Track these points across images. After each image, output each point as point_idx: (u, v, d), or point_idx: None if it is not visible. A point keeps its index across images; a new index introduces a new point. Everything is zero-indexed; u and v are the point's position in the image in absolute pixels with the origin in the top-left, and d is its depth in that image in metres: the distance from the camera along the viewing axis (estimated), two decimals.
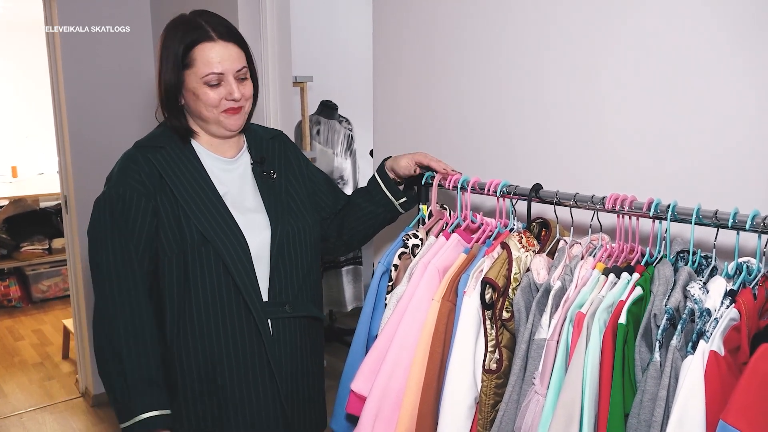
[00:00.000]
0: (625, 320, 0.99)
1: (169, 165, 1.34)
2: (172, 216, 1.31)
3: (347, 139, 3.91)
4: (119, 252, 1.29)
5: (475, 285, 1.21)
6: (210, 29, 1.34)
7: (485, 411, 1.18)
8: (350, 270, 4.03)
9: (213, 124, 1.38)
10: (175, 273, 1.33)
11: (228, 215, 1.35)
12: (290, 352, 1.42)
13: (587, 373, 0.99)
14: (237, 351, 1.36)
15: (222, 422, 1.37)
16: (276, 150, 1.53)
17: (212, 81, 1.32)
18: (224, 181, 1.41)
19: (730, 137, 1.20)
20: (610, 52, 1.40)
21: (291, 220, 1.44)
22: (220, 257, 1.32)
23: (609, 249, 1.18)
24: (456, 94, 1.77)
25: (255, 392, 1.38)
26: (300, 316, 1.44)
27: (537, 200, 1.28)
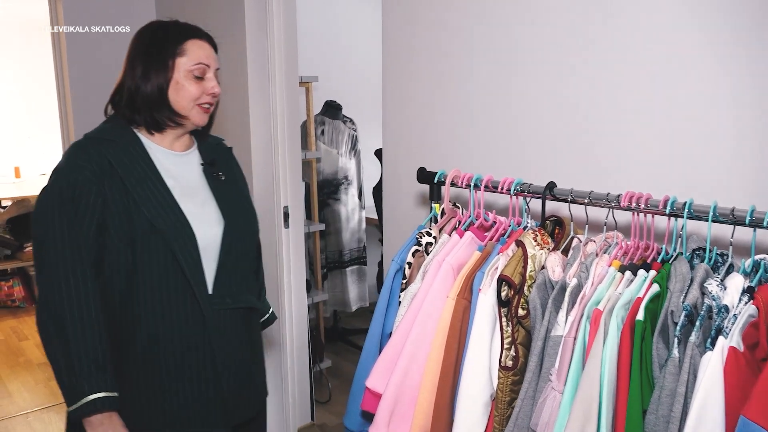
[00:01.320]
0: (643, 317, 1.00)
1: (119, 156, 1.37)
2: (122, 205, 1.34)
3: (351, 139, 3.92)
4: (67, 238, 1.31)
5: (490, 282, 1.21)
6: (201, 32, 1.47)
7: (501, 408, 1.18)
8: (354, 270, 4.03)
9: (182, 117, 1.43)
10: (123, 260, 1.35)
11: (176, 207, 1.39)
12: (232, 342, 1.47)
13: (605, 370, 1.00)
14: (181, 336, 1.39)
15: (162, 401, 1.40)
16: (222, 155, 1.60)
17: (198, 72, 1.41)
18: (174, 173, 1.45)
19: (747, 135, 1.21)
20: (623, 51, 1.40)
21: (241, 218, 1.51)
22: (169, 247, 1.35)
23: (624, 246, 1.18)
24: (465, 94, 1.77)
25: (196, 376, 1.42)
26: (240, 307, 1.49)
27: (551, 198, 1.29)
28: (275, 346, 2.96)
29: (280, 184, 2.80)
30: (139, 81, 1.39)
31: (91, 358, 1.30)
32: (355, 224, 3.99)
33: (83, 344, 1.29)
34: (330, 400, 3.45)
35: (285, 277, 2.90)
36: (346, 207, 3.92)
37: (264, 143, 2.77)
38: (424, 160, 1.93)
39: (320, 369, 3.56)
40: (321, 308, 3.76)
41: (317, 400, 3.37)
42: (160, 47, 1.40)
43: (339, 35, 4.36)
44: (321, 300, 3.66)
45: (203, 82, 1.42)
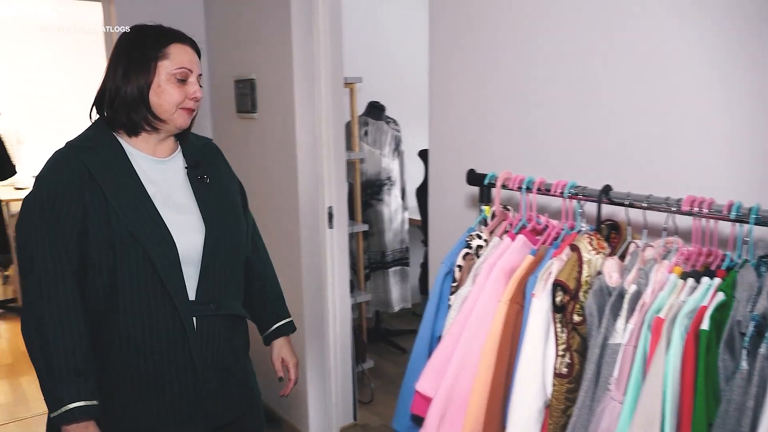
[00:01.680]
0: (708, 326, 0.96)
1: (99, 164, 1.36)
2: (102, 214, 1.34)
3: (394, 140, 3.91)
4: (48, 247, 1.32)
5: (544, 287, 1.19)
6: (183, 36, 1.47)
7: (556, 416, 1.16)
8: (397, 271, 4.03)
9: (164, 120, 1.42)
10: (105, 268, 1.35)
11: (156, 215, 1.38)
12: (213, 347, 1.46)
13: (668, 380, 0.97)
14: (161, 343, 1.39)
15: (143, 408, 1.41)
16: (208, 157, 1.58)
17: (180, 76, 1.40)
18: (155, 180, 1.44)
19: None
20: (687, 53, 1.36)
21: (224, 223, 1.49)
22: (147, 256, 1.35)
23: (685, 252, 1.14)
24: (516, 94, 1.74)
25: (177, 383, 1.42)
26: (224, 314, 1.48)
27: (607, 202, 1.25)
28: (318, 346, 2.98)
29: (325, 184, 2.82)
30: (119, 82, 1.39)
31: (71, 366, 1.31)
32: (397, 225, 3.99)
33: (63, 351, 1.30)
34: (372, 401, 3.45)
35: (329, 277, 2.91)
36: (389, 208, 3.92)
37: (309, 144, 2.78)
38: (471, 161, 1.91)
39: (362, 369, 3.57)
40: (363, 309, 3.77)
41: (360, 401, 3.37)
42: (143, 50, 1.40)
43: (383, 36, 4.37)
44: (364, 300, 3.66)
45: (185, 86, 1.42)
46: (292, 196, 2.83)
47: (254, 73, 2.98)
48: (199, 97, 1.45)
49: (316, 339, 2.97)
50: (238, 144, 3.22)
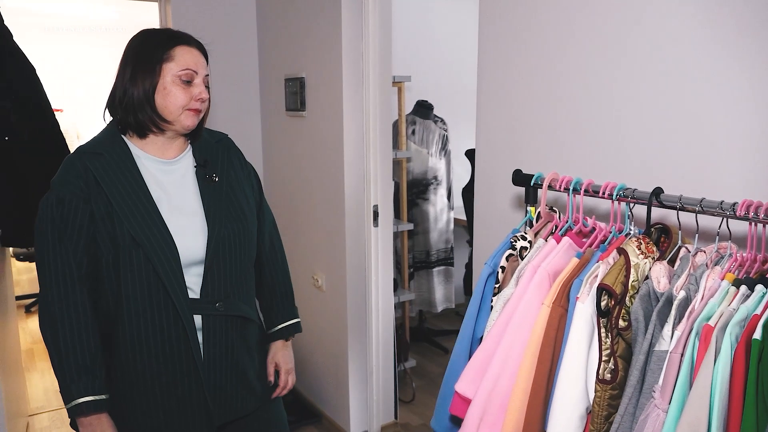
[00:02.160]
0: (761, 336, 0.92)
1: (105, 171, 1.40)
2: (107, 219, 1.38)
3: (442, 139, 3.90)
4: (59, 252, 1.38)
5: (589, 291, 1.17)
6: (189, 38, 1.48)
7: (598, 422, 1.13)
8: (441, 271, 4.01)
9: (171, 121, 1.44)
10: (112, 271, 1.40)
11: (159, 219, 1.41)
12: (222, 348, 1.48)
13: (716, 391, 0.93)
14: (165, 345, 1.43)
15: (149, 408, 1.44)
16: (220, 153, 1.59)
17: (185, 77, 1.42)
18: (162, 182, 1.46)
19: None
20: (738, 52, 1.31)
21: (229, 224, 1.49)
22: (150, 260, 1.38)
23: (739, 259, 1.10)
24: (565, 93, 1.71)
25: (182, 383, 1.45)
26: (232, 315, 1.49)
27: (657, 205, 1.22)
28: (361, 343, 3.00)
29: (371, 183, 2.83)
30: (127, 84, 1.42)
31: (80, 363, 1.37)
32: (443, 225, 3.97)
33: (72, 350, 1.37)
34: (413, 400, 3.45)
35: (373, 276, 2.92)
36: (435, 207, 3.91)
37: (356, 142, 2.80)
38: (518, 161, 1.88)
39: (404, 368, 3.57)
40: (407, 308, 3.77)
41: (401, 399, 3.38)
42: (149, 53, 1.42)
43: (433, 35, 4.35)
44: (407, 299, 3.66)
45: (191, 87, 1.43)
46: (338, 194, 2.86)
47: (304, 71, 3.02)
48: (205, 98, 1.46)
49: (358, 336, 2.98)
50: (287, 142, 3.27)
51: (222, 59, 3.34)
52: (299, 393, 3.43)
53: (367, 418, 3.10)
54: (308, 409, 3.32)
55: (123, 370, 1.44)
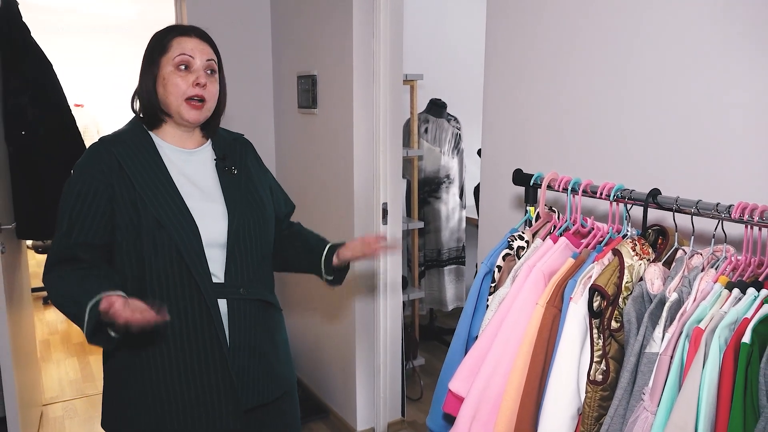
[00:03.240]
0: (750, 340, 0.91)
1: (129, 157, 1.45)
2: (129, 202, 1.41)
3: (455, 137, 3.89)
4: (73, 229, 1.41)
5: (582, 291, 1.16)
6: (188, 28, 1.50)
7: (588, 423, 1.13)
8: (452, 269, 4.01)
9: (175, 114, 1.47)
10: (133, 255, 1.42)
11: (181, 203, 1.44)
12: (244, 330, 1.50)
13: (703, 393, 0.93)
14: (189, 327, 1.44)
15: (174, 391, 1.45)
16: (237, 150, 1.62)
17: (182, 63, 1.44)
18: (184, 170, 1.50)
19: None
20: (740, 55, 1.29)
21: (248, 212, 1.53)
22: (173, 241, 1.41)
23: (734, 262, 1.09)
24: (567, 95, 1.71)
25: (205, 364, 1.46)
26: (255, 299, 1.52)
27: (654, 206, 1.21)
28: (369, 341, 3.01)
29: (380, 181, 2.83)
30: (140, 81, 1.50)
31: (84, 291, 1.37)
32: (454, 223, 3.97)
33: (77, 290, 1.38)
34: (421, 398, 3.45)
35: (381, 274, 2.93)
36: (447, 206, 3.90)
37: (366, 140, 2.81)
38: (522, 161, 1.88)
39: (413, 366, 3.57)
40: (417, 306, 3.77)
41: (409, 397, 3.38)
42: (152, 48, 1.48)
43: (446, 33, 4.34)
44: (417, 297, 3.66)
45: (189, 74, 1.45)
46: (347, 191, 2.87)
47: (316, 69, 3.03)
48: (203, 83, 1.45)
49: (366, 334, 3.00)
50: (298, 138, 3.29)
51: (236, 57, 3.37)
52: (307, 388, 3.45)
53: (374, 414, 3.11)
54: (316, 405, 3.34)
55: (150, 356, 1.46)
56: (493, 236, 2.00)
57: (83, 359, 4.02)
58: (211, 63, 1.49)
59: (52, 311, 4.97)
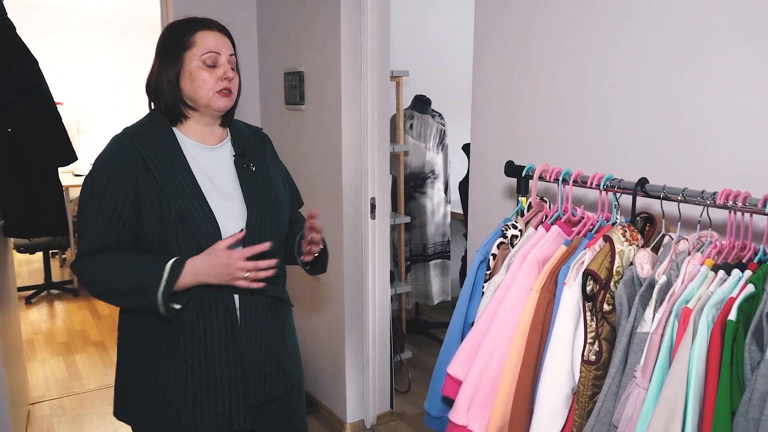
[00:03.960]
0: (735, 317, 0.97)
1: (152, 150, 1.46)
2: (153, 195, 1.43)
3: (439, 133, 3.94)
4: (97, 224, 1.43)
5: (575, 277, 1.21)
6: (211, 23, 1.53)
7: (582, 401, 1.18)
8: (438, 264, 4.06)
9: (203, 106, 1.50)
10: (157, 247, 1.45)
11: (202, 198, 1.47)
12: (257, 326, 1.53)
13: (692, 369, 0.98)
14: (205, 318, 1.47)
15: (190, 383, 1.48)
16: (256, 145, 1.65)
17: (209, 60, 1.47)
18: (203, 166, 1.52)
19: None
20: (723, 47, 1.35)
21: (265, 209, 1.55)
22: (194, 236, 1.44)
23: (719, 246, 1.15)
24: (556, 87, 1.76)
25: (222, 360, 1.49)
26: (269, 296, 1.55)
27: (642, 194, 1.27)
28: (358, 334, 3.05)
29: (368, 176, 2.87)
30: (157, 74, 1.51)
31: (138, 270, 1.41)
32: (440, 218, 4.02)
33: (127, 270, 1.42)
34: (409, 390, 3.50)
35: (369, 267, 2.97)
36: (432, 201, 3.95)
37: (354, 136, 2.85)
38: (511, 153, 1.93)
39: (401, 359, 3.62)
40: (404, 300, 3.82)
41: (397, 390, 3.43)
42: (173, 43, 1.50)
43: (431, 30, 4.39)
44: (404, 291, 3.71)
45: (216, 69, 1.49)
46: (335, 187, 2.90)
47: (303, 65, 3.06)
48: (231, 77, 1.50)
49: (355, 327, 3.03)
50: (286, 135, 3.31)
51: None
52: None
53: (363, 407, 3.15)
54: (306, 399, 3.37)
55: (165, 350, 1.48)
56: (483, 227, 2.05)
57: (69, 358, 4.00)
58: (233, 58, 1.53)
59: (35, 311, 4.93)
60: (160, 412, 1.49)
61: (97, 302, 5.09)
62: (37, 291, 5.22)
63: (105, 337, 4.38)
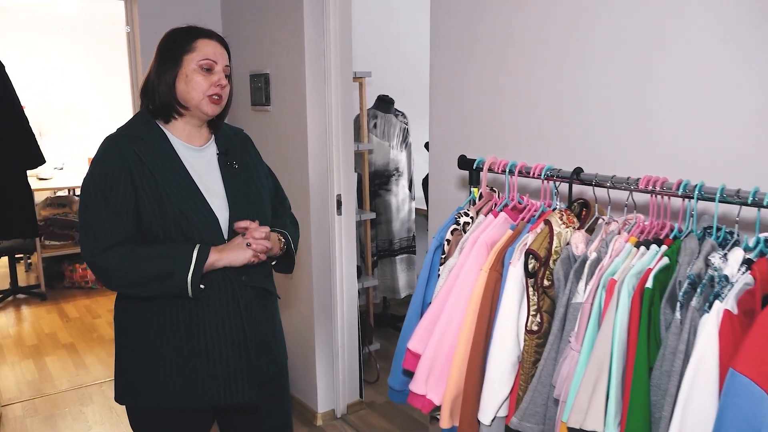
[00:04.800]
0: (652, 285, 1.12)
1: (148, 151, 1.56)
2: (154, 196, 1.53)
3: (403, 132, 4.07)
4: (105, 217, 1.51)
5: (519, 256, 1.35)
6: (210, 32, 1.64)
7: (527, 367, 1.32)
8: (404, 258, 4.19)
9: (193, 107, 1.60)
10: (161, 241, 1.54)
11: (200, 195, 1.58)
12: (247, 315, 1.64)
13: (616, 331, 1.13)
14: (215, 304, 1.58)
15: (195, 356, 1.58)
16: (238, 145, 1.77)
17: (206, 65, 1.58)
18: (194, 166, 1.63)
19: (754, 125, 1.31)
20: (647, 52, 1.51)
21: (246, 205, 1.66)
22: (198, 232, 1.55)
23: (642, 225, 1.30)
24: (505, 86, 1.91)
25: (230, 341, 1.60)
26: (255, 286, 1.67)
27: (577, 182, 1.41)
28: (327, 327, 3.16)
29: (334, 173, 2.99)
30: (155, 75, 1.61)
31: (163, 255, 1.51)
32: (405, 214, 4.15)
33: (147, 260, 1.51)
34: (378, 381, 3.62)
35: (337, 261, 3.09)
36: (397, 198, 4.08)
37: (319, 135, 2.96)
38: (466, 148, 2.07)
39: (369, 351, 3.74)
40: (371, 293, 3.94)
41: (366, 380, 3.55)
42: (174, 47, 1.60)
43: (393, 32, 4.51)
44: (371, 285, 3.83)
45: (211, 75, 1.59)
46: (302, 184, 3.01)
47: (268, 68, 3.16)
48: (224, 85, 1.61)
49: (324, 320, 3.14)
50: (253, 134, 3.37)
51: None
52: None
53: (334, 397, 3.26)
54: None
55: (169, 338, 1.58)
56: (442, 216, 2.19)
57: (39, 360, 4.02)
58: (227, 68, 1.63)
59: (2, 316, 4.91)
60: (162, 389, 1.58)
61: (65, 305, 5.09)
62: (3, 296, 5.19)
63: (75, 339, 4.40)
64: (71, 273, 5.50)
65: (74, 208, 5.60)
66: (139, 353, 1.60)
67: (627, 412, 1.09)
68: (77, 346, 4.28)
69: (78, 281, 5.50)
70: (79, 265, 5.48)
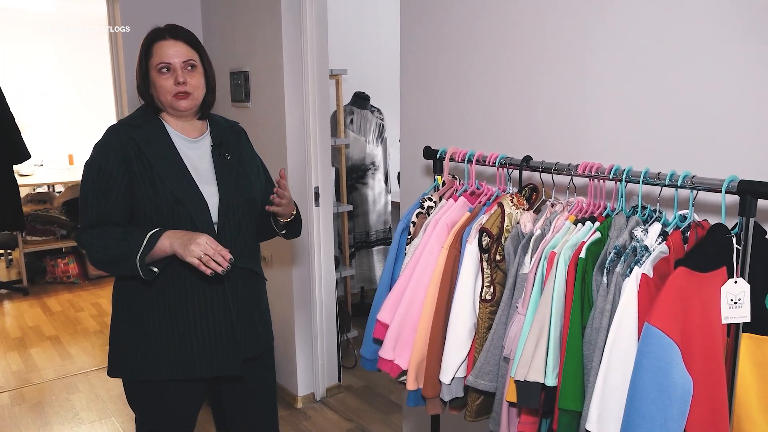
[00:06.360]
0: (585, 255, 1.29)
1: (146, 139, 1.70)
2: (148, 180, 1.66)
3: (378, 127, 4.23)
4: (98, 201, 1.64)
5: (475, 235, 1.52)
6: (166, 32, 1.71)
7: (481, 332, 1.49)
8: (381, 250, 4.35)
9: (168, 107, 1.73)
10: (154, 224, 1.66)
11: (193, 182, 1.71)
12: (234, 294, 1.76)
13: (555, 296, 1.30)
14: (201, 283, 1.71)
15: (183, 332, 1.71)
16: (232, 137, 1.89)
17: (162, 68, 1.67)
18: (189, 155, 1.76)
19: (693, 115, 1.49)
20: (594, 47, 1.69)
21: (237, 194, 1.77)
22: (189, 215, 1.67)
23: (581, 206, 1.48)
24: (465, 81, 2.07)
25: (216, 319, 1.73)
26: (242, 268, 1.79)
27: (527, 168, 1.58)
28: (306, 314, 3.30)
29: (312, 166, 3.13)
30: (138, 79, 1.74)
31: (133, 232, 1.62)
32: (381, 207, 4.31)
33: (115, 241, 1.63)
34: (355, 366, 3.78)
35: (315, 252, 3.23)
36: (373, 191, 4.24)
37: (297, 130, 3.10)
38: (432, 140, 2.24)
39: (347, 338, 3.89)
40: (348, 283, 4.09)
41: (344, 366, 3.70)
42: (141, 51, 1.71)
43: (369, 31, 4.64)
44: (349, 275, 3.98)
45: (171, 75, 1.67)
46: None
47: (248, 65, 3.29)
48: (182, 81, 1.67)
49: (303, 307, 3.29)
50: None
51: None
52: None
53: (313, 381, 3.41)
54: None
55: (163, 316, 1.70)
56: (412, 201, 2.35)
57: (24, 352, 4.11)
58: (188, 62, 1.70)
59: None
60: (152, 362, 1.71)
61: (48, 300, 5.17)
62: None
63: (59, 332, 4.49)
64: (53, 268, 5.56)
65: (54, 204, 5.67)
66: (132, 330, 1.74)
67: (563, 364, 1.26)
68: (62, 338, 4.38)
69: (60, 276, 5.57)
70: (61, 260, 5.55)
